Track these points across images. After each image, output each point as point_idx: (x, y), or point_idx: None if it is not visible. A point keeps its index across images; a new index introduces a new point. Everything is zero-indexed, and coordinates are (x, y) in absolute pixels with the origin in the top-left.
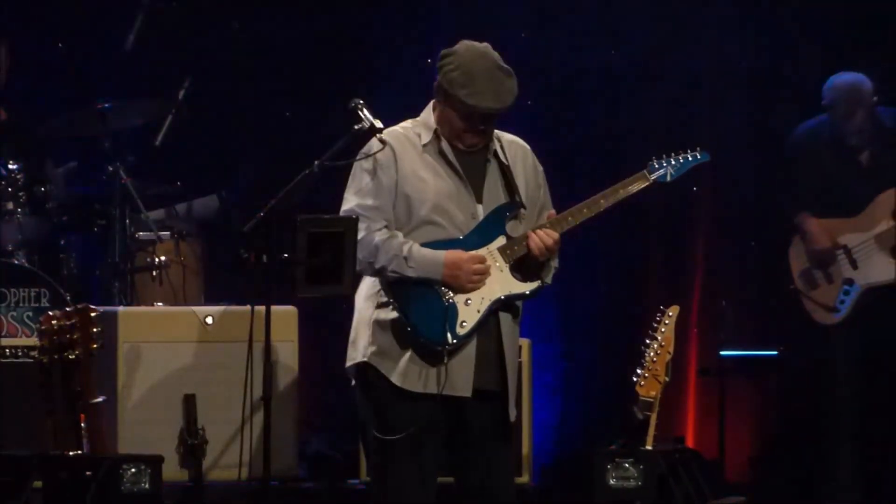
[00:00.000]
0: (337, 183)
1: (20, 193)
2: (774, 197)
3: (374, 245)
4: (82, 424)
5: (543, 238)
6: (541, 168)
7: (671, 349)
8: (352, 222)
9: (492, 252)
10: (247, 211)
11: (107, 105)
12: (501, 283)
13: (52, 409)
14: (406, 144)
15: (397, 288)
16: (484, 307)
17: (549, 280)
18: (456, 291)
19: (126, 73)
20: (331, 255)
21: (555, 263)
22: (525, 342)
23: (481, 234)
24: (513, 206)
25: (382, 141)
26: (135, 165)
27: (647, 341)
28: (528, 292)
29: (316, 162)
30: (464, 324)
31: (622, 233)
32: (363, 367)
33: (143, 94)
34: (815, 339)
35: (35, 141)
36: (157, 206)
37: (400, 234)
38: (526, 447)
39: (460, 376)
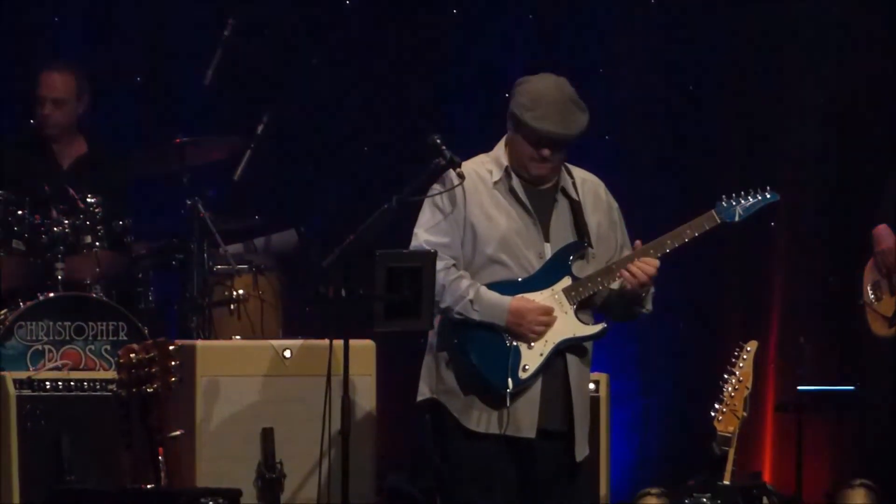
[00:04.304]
0: (415, 218)
1: (98, 227)
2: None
3: (441, 285)
4: (160, 458)
5: (645, 269)
6: (615, 204)
7: (749, 384)
8: (430, 257)
9: (556, 293)
10: (325, 245)
11: (185, 140)
12: (566, 325)
13: (130, 442)
14: (476, 181)
15: (461, 328)
16: (547, 350)
17: (650, 306)
18: (518, 338)
19: (205, 108)
20: (409, 289)
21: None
22: (603, 377)
23: (547, 275)
24: (579, 245)
25: (461, 175)
26: (213, 200)
27: (726, 376)
28: (591, 335)
29: (394, 197)
30: (526, 367)
31: (700, 268)
32: (431, 404)
33: (221, 129)
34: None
35: (115, 175)
36: (235, 240)
37: (467, 275)
38: (604, 483)
39: (524, 417)
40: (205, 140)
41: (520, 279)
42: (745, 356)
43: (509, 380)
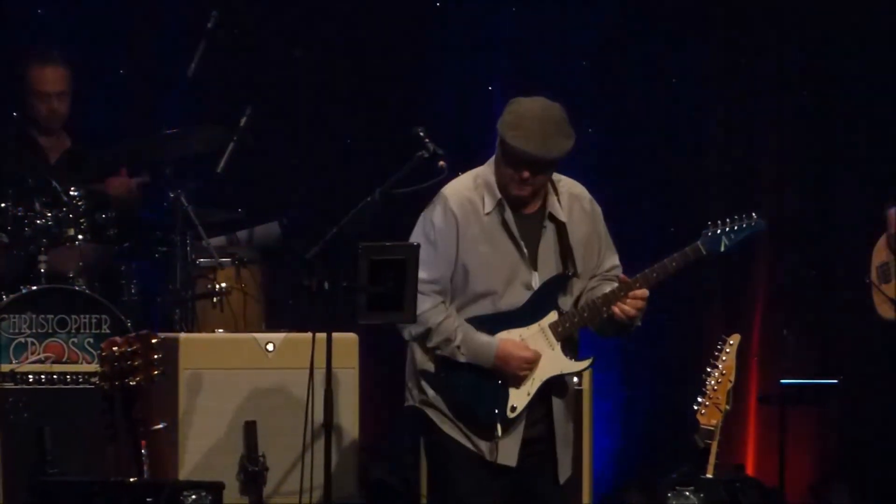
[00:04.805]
0: (398, 210)
1: (81, 220)
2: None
3: (428, 327)
4: (143, 451)
5: (636, 304)
6: (598, 210)
7: (732, 377)
8: (413, 249)
9: (543, 329)
10: (308, 238)
11: (169, 132)
12: (553, 362)
13: (113, 435)
14: (469, 212)
15: (448, 363)
16: (534, 388)
17: (639, 322)
18: (505, 377)
19: (188, 101)
20: (392, 282)
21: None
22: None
23: (533, 309)
24: (565, 278)
25: (443, 168)
26: (196, 192)
27: (708, 369)
28: (578, 371)
29: (377, 189)
30: (514, 407)
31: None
32: (416, 410)
33: (204, 122)
34: (876, 367)
35: (97, 168)
36: (218, 232)
37: (453, 315)
38: (586, 475)
39: (509, 447)
40: (188, 132)
41: (507, 312)
42: (727, 349)
43: (498, 425)
